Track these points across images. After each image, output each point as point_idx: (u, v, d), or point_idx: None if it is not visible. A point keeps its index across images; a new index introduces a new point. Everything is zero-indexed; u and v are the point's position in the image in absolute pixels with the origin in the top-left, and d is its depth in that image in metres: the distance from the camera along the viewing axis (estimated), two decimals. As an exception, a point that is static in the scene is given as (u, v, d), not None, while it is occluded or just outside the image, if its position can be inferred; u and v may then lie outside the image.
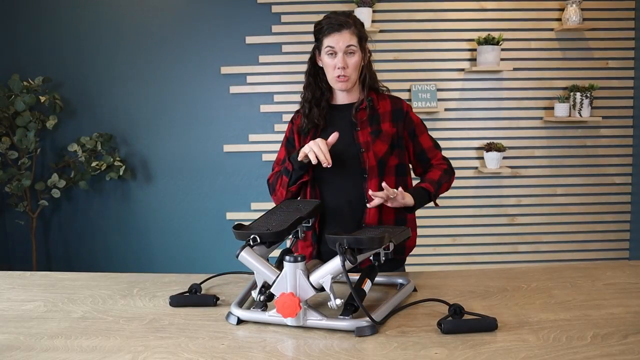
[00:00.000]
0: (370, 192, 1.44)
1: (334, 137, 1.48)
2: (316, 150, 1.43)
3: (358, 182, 1.58)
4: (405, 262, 1.70)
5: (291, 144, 1.67)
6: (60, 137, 3.31)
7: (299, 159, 1.49)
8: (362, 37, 1.57)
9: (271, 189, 1.65)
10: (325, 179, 1.60)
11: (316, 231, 1.62)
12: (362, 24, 1.59)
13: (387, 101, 1.63)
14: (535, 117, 3.29)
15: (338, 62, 1.53)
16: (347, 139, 1.58)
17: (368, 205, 1.49)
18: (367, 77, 1.61)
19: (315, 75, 1.64)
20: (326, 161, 1.42)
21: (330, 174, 1.56)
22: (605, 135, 3.29)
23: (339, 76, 1.55)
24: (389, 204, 1.48)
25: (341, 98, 1.64)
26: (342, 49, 1.52)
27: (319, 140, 1.45)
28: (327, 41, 1.54)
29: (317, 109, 1.61)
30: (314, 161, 1.43)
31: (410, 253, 1.68)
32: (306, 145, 1.46)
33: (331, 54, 1.54)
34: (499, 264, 3.33)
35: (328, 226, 1.59)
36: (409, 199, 1.49)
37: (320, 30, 1.57)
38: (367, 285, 1.17)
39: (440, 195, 1.62)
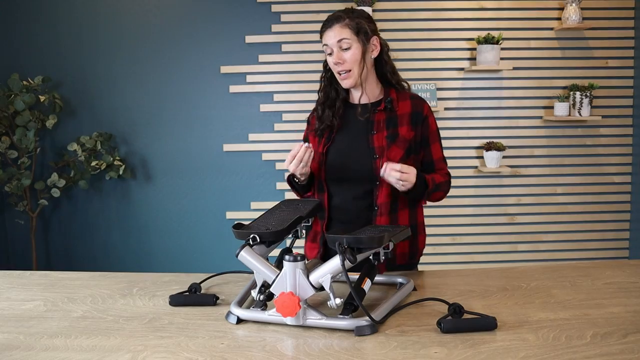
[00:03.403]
0: (383, 171, 1.39)
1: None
2: (293, 164, 1.43)
3: (369, 188, 1.52)
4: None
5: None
6: (60, 136, 3.31)
7: (298, 179, 1.51)
8: (360, 29, 1.48)
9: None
10: (335, 183, 1.56)
11: (324, 234, 1.58)
12: (360, 16, 1.51)
13: (407, 102, 1.55)
14: (535, 117, 3.29)
15: (333, 58, 1.49)
16: (360, 142, 1.53)
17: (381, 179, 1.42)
18: (366, 71, 1.52)
19: (330, 77, 1.59)
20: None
21: (341, 179, 1.54)
22: (604, 135, 3.29)
23: (339, 73, 1.51)
24: (399, 185, 1.41)
25: (358, 96, 1.57)
26: (334, 44, 1.48)
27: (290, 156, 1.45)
28: (323, 40, 1.51)
29: (329, 110, 1.57)
30: (298, 170, 1.44)
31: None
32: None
33: (329, 53, 1.51)
34: (499, 263, 3.33)
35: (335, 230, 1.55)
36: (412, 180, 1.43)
37: (320, 32, 1.54)
38: (366, 285, 1.17)
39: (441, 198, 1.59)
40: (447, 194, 1.61)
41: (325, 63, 1.59)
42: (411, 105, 1.55)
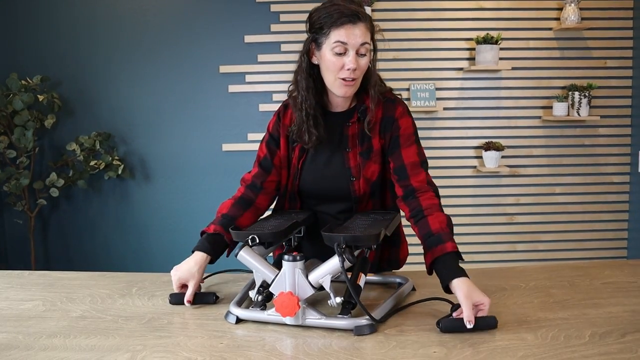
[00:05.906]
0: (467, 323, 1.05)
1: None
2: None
3: (347, 208, 1.40)
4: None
5: (275, 143, 1.45)
6: (58, 136, 3.31)
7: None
8: (373, 34, 1.28)
9: None
10: (310, 198, 1.44)
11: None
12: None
13: (379, 107, 1.34)
14: (533, 117, 3.29)
15: (349, 62, 1.22)
16: (335, 160, 1.38)
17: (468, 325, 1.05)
18: (372, 81, 1.31)
19: (313, 75, 1.33)
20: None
21: (316, 197, 1.43)
22: (603, 135, 3.29)
23: (345, 79, 1.25)
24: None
25: (339, 104, 1.38)
26: (355, 46, 1.22)
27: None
28: (338, 34, 1.22)
29: (316, 123, 1.33)
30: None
31: (409, 253, 1.65)
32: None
33: (341, 52, 1.23)
34: (498, 263, 3.33)
35: (307, 248, 1.43)
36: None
37: (329, 19, 1.23)
38: (361, 280, 1.17)
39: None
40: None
41: (305, 55, 1.32)
42: (383, 110, 1.34)
